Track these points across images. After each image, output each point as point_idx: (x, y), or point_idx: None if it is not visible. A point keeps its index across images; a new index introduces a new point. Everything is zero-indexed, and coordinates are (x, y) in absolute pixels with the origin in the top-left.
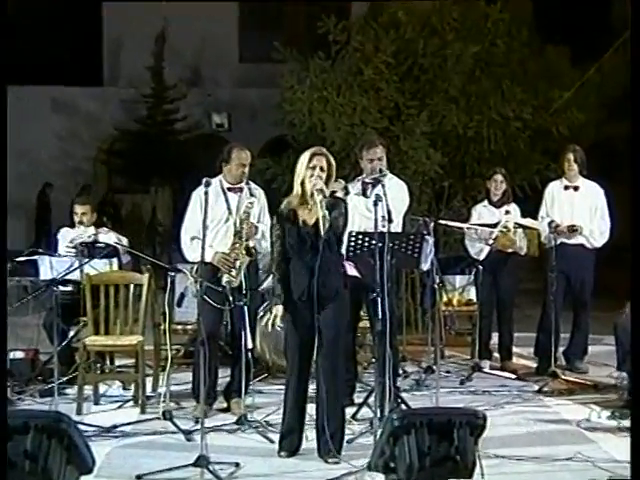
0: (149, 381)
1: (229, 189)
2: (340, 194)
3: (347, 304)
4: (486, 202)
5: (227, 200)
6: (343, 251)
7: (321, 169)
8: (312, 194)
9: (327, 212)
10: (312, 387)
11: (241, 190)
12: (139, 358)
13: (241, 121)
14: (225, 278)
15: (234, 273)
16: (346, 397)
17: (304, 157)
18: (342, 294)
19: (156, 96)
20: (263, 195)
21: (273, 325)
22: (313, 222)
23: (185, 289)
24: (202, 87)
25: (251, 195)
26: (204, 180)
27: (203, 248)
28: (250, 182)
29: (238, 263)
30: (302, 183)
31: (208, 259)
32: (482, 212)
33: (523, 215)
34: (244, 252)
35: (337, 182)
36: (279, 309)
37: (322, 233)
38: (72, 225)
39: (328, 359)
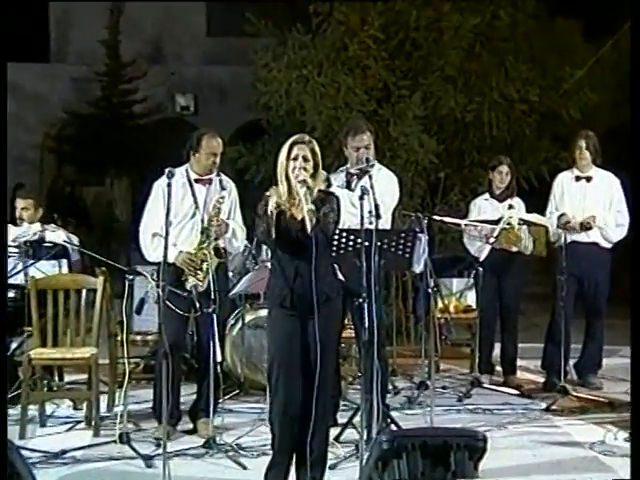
0: (104, 399)
1: (196, 180)
2: (323, 186)
3: (339, 312)
4: (487, 195)
5: (194, 193)
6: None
7: (304, 159)
8: (295, 187)
9: (314, 207)
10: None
11: (210, 182)
12: (92, 373)
13: (209, 103)
14: (190, 281)
15: (200, 276)
16: (330, 417)
17: (284, 148)
18: (333, 301)
19: (111, 74)
20: (234, 188)
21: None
22: (301, 218)
23: (145, 294)
24: (164, 64)
25: (222, 189)
26: (167, 170)
27: (166, 247)
28: (220, 173)
29: (205, 265)
30: (287, 177)
31: (171, 260)
32: (483, 207)
33: (529, 210)
34: (212, 253)
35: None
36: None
37: (308, 230)
38: (14, 222)
39: (315, 375)
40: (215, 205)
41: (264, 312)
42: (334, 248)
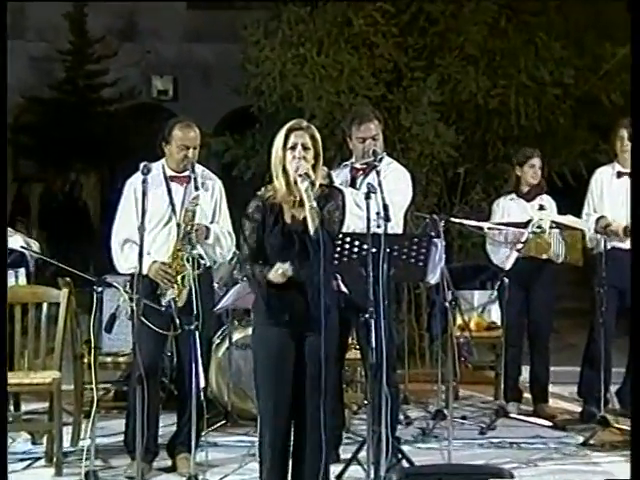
0: (67, 432)
1: (172, 178)
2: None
3: (336, 328)
4: (514, 194)
5: (170, 193)
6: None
7: (304, 147)
8: (295, 181)
9: (316, 204)
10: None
11: (189, 180)
12: (54, 401)
13: (190, 87)
14: (169, 294)
15: (177, 289)
16: (331, 451)
17: (279, 136)
18: (332, 314)
19: (76, 53)
20: (219, 186)
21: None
22: (302, 218)
23: (117, 309)
24: (138, 42)
25: (195, 188)
26: (142, 165)
27: (141, 254)
28: (204, 169)
29: (182, 277)
30: (284, 170)
31: (145, 270)
32: (509, 207)
33: (562, 211)
34: (188, 262)
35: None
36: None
37: (311, 232)
38: None
39: (312, 401)
40: (188, 208)
41: None
42: (336, 255)
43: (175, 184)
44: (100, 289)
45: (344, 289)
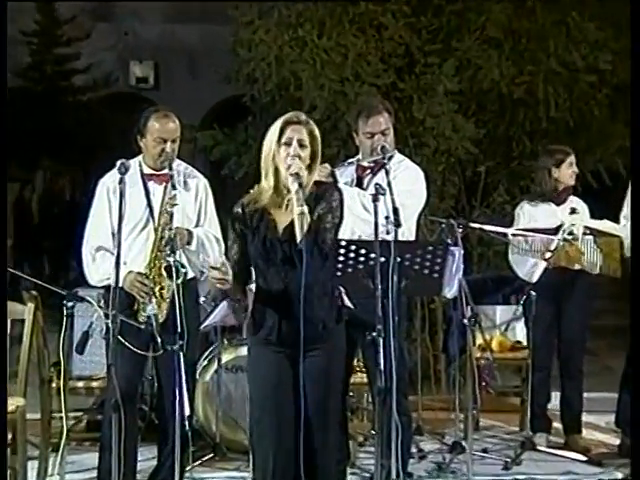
0: (33, 467)
1: (150, 176)
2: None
3: (342, 349)
4: (542, 197)
5: (147, 193)
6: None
7: (300, 144)
8: (286, 182)
9: (307, 207)
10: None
11: (169, 178)
12: (17, 432)
13: (174, 74)
14: (149, 309)
15: (156, 303)
16: None
17: (273, 128)
18: (335, 333)
19: (44, 34)
20: (204, 185)
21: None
22: (286, 225)
23: (89, 326)
24: (115, 22)
25: (172, 186)
26: (119, 163)
27: (118, 264)
28: (187, 165)
29: (160, 289)
30: (275, 168)
31: (120, 281)
32: (535, 211)
33: (596, 215)
34: (167, 272)
35: (320, 166)
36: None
37: (297, 239)
38: None
39: (311, 432)
40: (164, 209)
41: (246, 350)
42: (340, 265)
43: (153, 183)
44: (70, 304)
45: (348, 303)
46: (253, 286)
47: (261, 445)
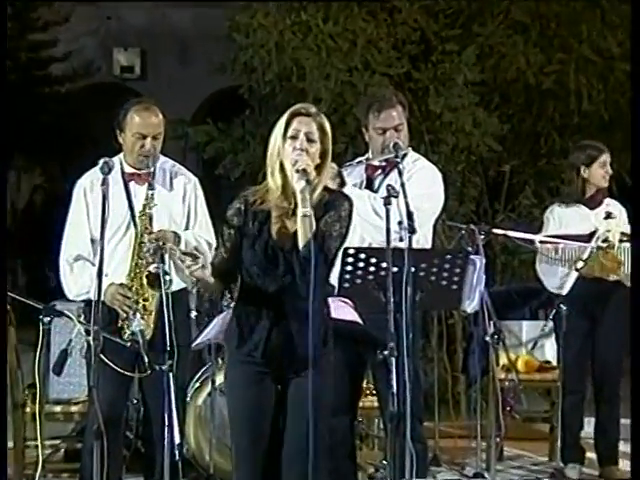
0: None
1: (131, 176)
2: (333, 185)
3: (332, 371)
4: (574, 200)
5: (129, 195)
6: (334, 280)
7: (308, 138)
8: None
9: (312, 212)
10: None
11: (152, 178)
12: None
13: (163, 63)
14: (134, 325)
15: (140, 318)
16: None
17: (280, 122)
18: (325, 354)
19: (16, 18)
20: (194, 184)
21: None
22: (293, 232)
23: (68, 344)
24: (96, 4)
25: (149, 186)
26: (101, 162)
27: (100, 274)
28: (174, 163)
29: (145, 302)
30: (281, 166)
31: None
32: (567, 216)
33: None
34: (148, 282)
35: None
36: None
37: (300, 245)
38: None
39: (296, 466)
40: (142, 211)
41: None
42: (347, 276)
43: (134, 184)
44: (47, 319)
45: (357, 319)
46: None
47: (241, 477)
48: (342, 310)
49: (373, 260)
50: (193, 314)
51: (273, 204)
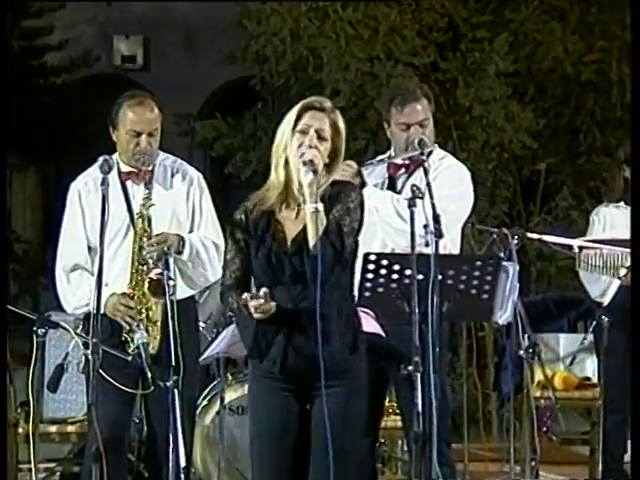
0: None
1: (128, 175)
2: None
3: (364, 387)
4: (620, 201)
5: (127, 195)
6: (354, 287)
7: (319, 135)
8: (300, 180)
9: (321, 207)
10: None
11: (149, 177)
12: None
13: (167, 52)
14: (137, 338)
15: (145, 329)
16: None
17: (290, 114)
18: (353, 366)
19: (10, 3)
20: (198, 181)
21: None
22: (297, 233)
23: (65, 359)
24: None
25: (146, 185)
26: (101, 159)
27: (99, 284)
28: (176, 159)
29: (149, 312)
30: (286, 162)
31: (102, 308)
32: (614, 217)
33: None
34: (150, 289)
35: (344, 163)
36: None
37: (310, 245)
38: None
39: None
40: (140, 212)
41: None
42: (368, 284)
43: (132, 183)
44: (42, 331)
45: (379, 331)
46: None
47: None
48: (362, 321)
49: (396, 267)
50: (201, 325)
51: (274, 202)
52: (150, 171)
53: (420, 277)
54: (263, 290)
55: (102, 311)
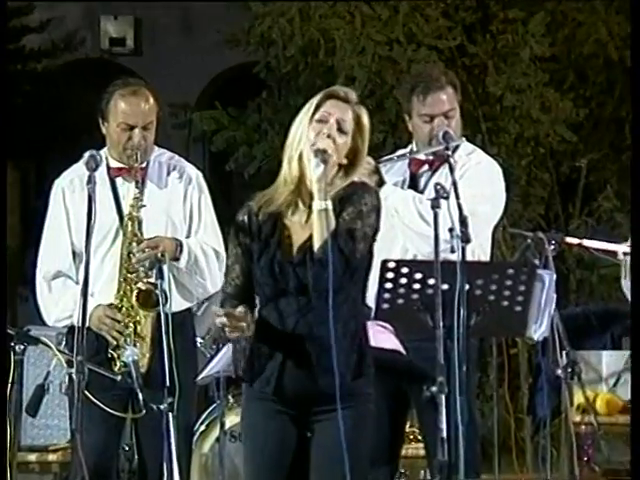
0: None
1: (118, 172)
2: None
3: (370, 413)
4: None
5: (116, 194)
6: (370, 299)
7: (339, 127)
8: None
9: (330, 206)
10: None
11: (142, 174)
12: None
13: (162, 34)
14: (127, 355)
15: (134, 344)
16: None
17: (309, 103)
18: (360, 391)
19: None
20: (196, 179)
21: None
22: (305, 240)
23: (46, 379)
24: None
25: (137, 184)
26: (87, 155)
27: (85, 294)
28: (173, 155)
29: (137, 326)
30: (300, 156)
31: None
32: None
33: None
34: (138, 302)
35: None
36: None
37: (315, 248)
38: None
39: None
40: (131, 214)
41: None
42: (387, 295)
43: (122, 181)
44: (21, 347)
45: (398, 347)
46: None
47: None
48: (380, 337)
49: (418, 275)
50: (199, 341)
51: (283, 205)
52: (143, 168)
53: (445, 287)
54: (239, 309)
55: (87, 324)
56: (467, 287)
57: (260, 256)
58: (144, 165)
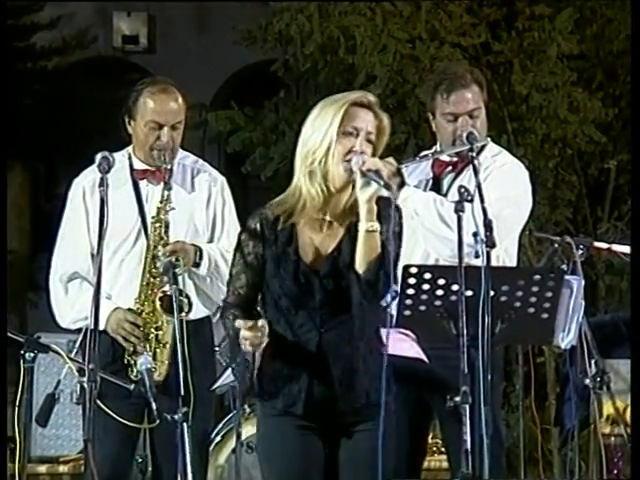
0: None
1: (143, 174)
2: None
3: (393, 427)
4: None
5: (139, 197)
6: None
7: (368, 138)
8: (342, 186)
9: (378, 227)
10: None
11: (169, 175)
12: None
13: (176, 32)
14: (142, 363)
15: (152, 352)
16: None
17: (332, 109)
18: (384, 404)
19: None
20: (221, 185)
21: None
22: (331, 251)
23: (57, 388)
24: None
25: (165, 186)
26: (99, 157)
27: (97, 297)
28: (197, 159)
29: (158, 332)
30: (324, 169)
31: (103, 323)
32: None
33: None
34: (164, 307)
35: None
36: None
37: (359, 270)
38: None
39: None
40: (158, 217)
41: None
42: (408, 301)
43: (146, 183)
44: (30, 355)
45: (420, 355)
46: None
47: None
48: (401, 345)
49: (441, 281)
50: (216, 350)
51: (304, 216)
52: (169, 170)
53: (469, 293)
54: (260, 322)
55: (102, 328)
56: (492, 293)
57: (279, 266)
58: (169, 167)
